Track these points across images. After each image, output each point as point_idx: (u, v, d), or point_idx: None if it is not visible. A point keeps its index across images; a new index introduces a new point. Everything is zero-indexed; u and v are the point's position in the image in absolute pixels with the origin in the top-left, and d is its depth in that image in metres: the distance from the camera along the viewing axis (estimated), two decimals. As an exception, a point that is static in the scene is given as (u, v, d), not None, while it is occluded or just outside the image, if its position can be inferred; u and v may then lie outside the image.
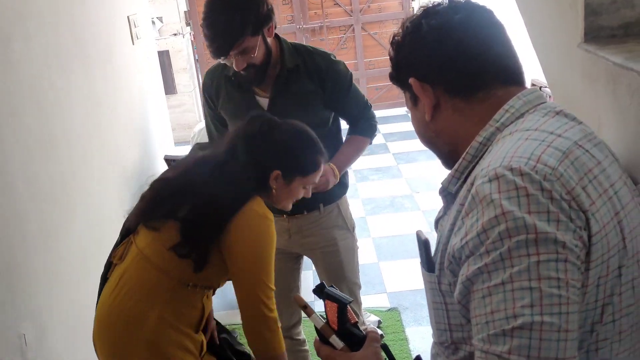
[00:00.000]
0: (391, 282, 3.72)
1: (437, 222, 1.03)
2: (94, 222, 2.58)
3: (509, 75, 0.98)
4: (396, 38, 1.05)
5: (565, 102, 1.33)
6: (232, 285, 3.50)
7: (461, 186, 0.95)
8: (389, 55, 1.08)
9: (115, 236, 2.80)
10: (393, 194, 5.06)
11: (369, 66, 7.39)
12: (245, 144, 1.66)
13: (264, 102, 2.09)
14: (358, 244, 2.40)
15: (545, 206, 0.80)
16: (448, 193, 1.00)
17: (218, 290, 3.98)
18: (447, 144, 1.03)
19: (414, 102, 1.05)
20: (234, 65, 1.96)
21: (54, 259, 2.15)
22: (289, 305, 2.37)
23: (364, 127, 2.23)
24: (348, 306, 1.09)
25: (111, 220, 2.82)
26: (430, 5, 1.02)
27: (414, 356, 3.04)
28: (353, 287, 2.37)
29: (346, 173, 2.26)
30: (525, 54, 1.51)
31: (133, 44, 3.55)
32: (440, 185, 1.01)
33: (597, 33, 1.21)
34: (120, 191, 3.01)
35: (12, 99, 1.95)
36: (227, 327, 3.45)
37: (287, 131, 1.73)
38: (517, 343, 0.78)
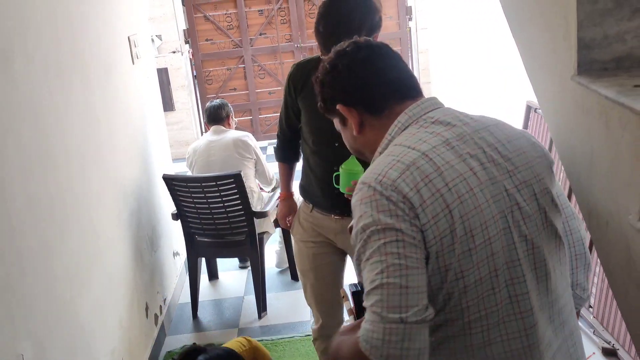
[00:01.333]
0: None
1: None
2: (91, 239, 2.59)
3: (403, 93, 1.31)
4: (319, 77, 1.38)
5: (559, 132, 1.36)
6: (228, 305, 3.56)
7: None
8: (316, 91, 1.41)
9: (111, 253, 2.81)
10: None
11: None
12: None
13: None
14: None
15: (386, 206, 1.15)
16: None
17: (214, 309, 3.97)
18: (371, 153, 1.34)
19: (343, 123, 1.38)
20: None
21: (50, 277, 2.16)
22: (335, 302, 2.49)
23: None
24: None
25: (107, 238, 2.83)
26: (340, 48, 1.36)
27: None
28: None
29: None
30: (522, 75, 1.54)
31: (133, 63, 3.58)
32: None
33: (589, 66, 1.24)
34: (118, 209, 3.02)
35: (11, 116, 1.97)
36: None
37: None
38: (375, 298, 1.12)
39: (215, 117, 3.91)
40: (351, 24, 2.03)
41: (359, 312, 1.44)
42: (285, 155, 2.57)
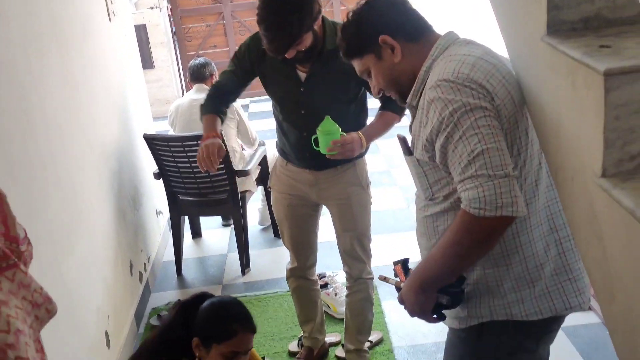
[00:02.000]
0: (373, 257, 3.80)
1: (410, 126, 1.59)
2: (72, 201, 2.61)
3: (431, 26, 1.59)
4: (355, 16, 1.56)
5: (530, 92, 1.39)
6: (211, 262, 3.61)
7: (419, 100, 1.53)
8: (344, 35, 1.59)
9: (93, 214, 2.83)
10: (370, 170, 5.11)
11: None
12: (182, 313, 1.91)
13: (302, 75, 2.29)
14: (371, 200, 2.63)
15: (469, 91, 1.40)
16: (412, 107, 1.58)
17: (198, 267, 4.03)
18: (408, 78, 1.55)
19: (379, 57, 1.56)
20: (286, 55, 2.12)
21: (33, 240, 2.18)
22: (308, 247, 2.71)
23: (395, 104, 2.32)
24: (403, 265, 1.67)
25: (90, 199, 2.85)
26: None
27: (389, 329, 3.15)
28: (362, 239, 2.61)
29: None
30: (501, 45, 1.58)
31: (110, 21, 3.53)
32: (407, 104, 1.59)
33: (559, 27, 1.26)
34: (99, 170, 3.03)
35: (-11, 82, 1.97)
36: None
37: (210, 302, 1.91)
38: (479, 164, 1.35)
39: (198, 75, 3.90)
40: (292, 33, 2.06)
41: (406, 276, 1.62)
42: (216, 107, 2.48)
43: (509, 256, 1.52)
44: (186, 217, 4.02)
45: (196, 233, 4.27)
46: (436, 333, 3.02)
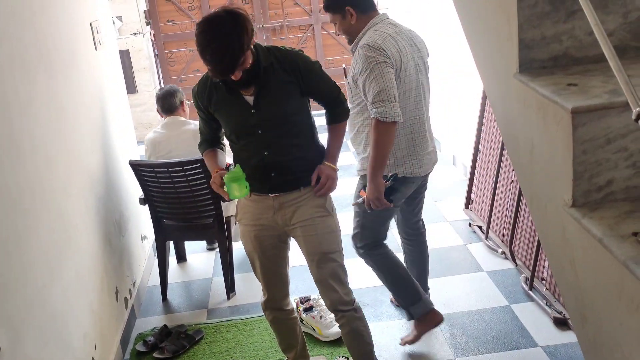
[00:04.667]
0: (352, 279, 3.85)
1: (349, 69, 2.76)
2: (59, 227, 2.64)
3: (375, 7, 2.83)
4: None
5: (505, 123, 1.47)
6: (196, 286, 3.62)
7: (355, 49, 2.76)
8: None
9: (80, 240, 2.87)
10: (352, 192, 5.19)
11: (328, 65, 7.50)
12: None
13: (250, 99, 2.38)
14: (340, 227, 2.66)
15: (378, 52, 2.62)
16: (352, 51, 2.80)
17: (183, 291, 4.02)
18: (355, 34, 2.79)
19: (343, 17, 2.78)
20: (232, 77, 2.23)
21: (22, 266, 2.22)
22: (279, 279, 2.71)
23: (339, 112, 2.60)
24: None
25: (76, 225, 2.88)
26: None
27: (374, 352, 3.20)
28: (331, 265, 2.59)
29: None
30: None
31: (96, 49, 3.59)
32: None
33: (530, 65, 1.35)
34: (85, 196, 3.07)
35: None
36: (192, 326, 3.54)
37: None
38: (382, 95, 2.59)
39: (168, 106, 3.81)
40: (235, 51, 2.15)
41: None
42: (210, 146, 2.67)
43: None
44: (171, 242, 4.05)
45: (181, 257, 4.29)
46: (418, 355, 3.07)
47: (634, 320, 1.02)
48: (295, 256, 3.93)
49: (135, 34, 6.97)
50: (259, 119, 2.41)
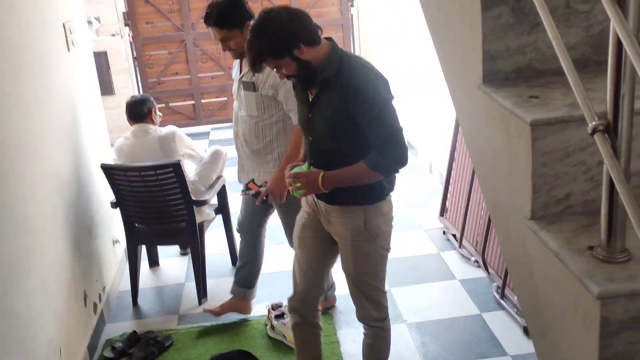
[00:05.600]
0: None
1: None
2: (25, 232, 2.59)
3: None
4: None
5: (470, 134, 1.47)
6: (168, 291, 3.57)
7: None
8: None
9: (47, 245, 2.82)
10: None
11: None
12: None
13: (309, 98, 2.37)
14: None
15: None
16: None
17: (154, 296, 3.98)
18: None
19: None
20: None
21: (-15, 272, 2.17)
22: (305, 280, 2.60)
23: (372, 157, 2.22)
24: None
25: (43, 230, 2.83)
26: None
27: (344, 358, 3.18)
28: (363, 287, 2.51)
29: (382, 188, 2.38)
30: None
31: (69, 50, 3.54)
32: None
33: (494, 76, 1.35)
34: (53, 200, 3.02)
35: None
36: (163, 332, 3.49)
37: None
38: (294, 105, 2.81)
39: (136, 114, 3.71)
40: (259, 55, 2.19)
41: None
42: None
43: None
44: (143, 246, 4.00)
45: (153, 262, 4.24)
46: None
47: (590, 335, 1.02)
48: (271, 262, 3.89)
49: (113, 35, 6.90)
50: (311, 125, 2.36)
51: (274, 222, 3.60)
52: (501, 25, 1.31)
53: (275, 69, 2.24)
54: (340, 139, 2.28)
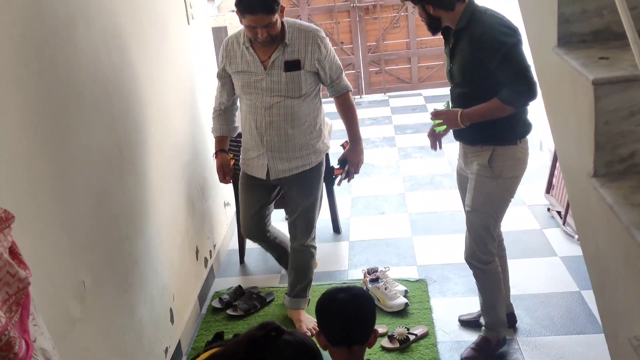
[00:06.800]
0: (422, 256, 3.93)
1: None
2: (144, 186, 2.88)
3: None
4: None
5: (547, 96, 1.50)
6: (269, 251, 3.78)
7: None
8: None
9: (164, 199, 3.11)
10: (433, 172, 5.22)
11: (420, 45, 7.48)
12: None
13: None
14: (393, 217, 2.82)
15: None
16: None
17: (260, 256, 4.23)
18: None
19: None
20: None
21: (108, 216, 2.46)
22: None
23: (504, 92, 2.49)
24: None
25: (161, 186, 3.12)
26: None
27: (435, 325, 3.26)
28: (474, 221, 2.82)
29: (513, 133, 2.71)
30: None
31: (188, 24, 3.82)
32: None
33: (569, 39, 1.38)
34: (172, 160, 3.31)
35: (74, 76, 2.24)
36: (266, 289, 3.73)
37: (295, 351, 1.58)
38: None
39: None
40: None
41: None
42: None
43: None
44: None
45: (261, 225, 4.49)
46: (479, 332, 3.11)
47: (636, 284, 1.05)
48: (368, 231, 4.05)
49: (233, 10, 7.23)
50: (452, 73, 2.74)
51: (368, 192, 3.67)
52: (578, -13, 1.34)
53: (413, 8, 2.65)
54: (474, 82, 2.60)
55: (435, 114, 2.78)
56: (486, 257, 2.82)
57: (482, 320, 3.03)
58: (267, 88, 2.97)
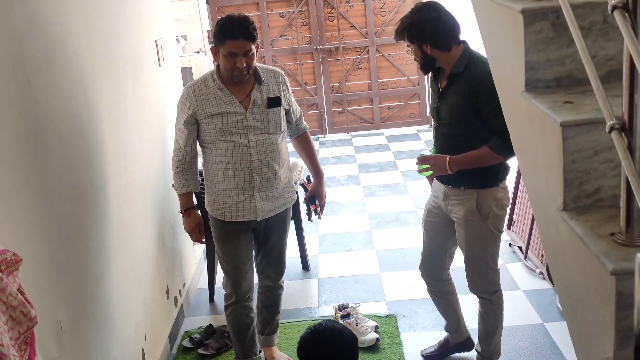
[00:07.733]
0: (390, 292, 4.00)
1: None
2: (119, 224, 2.89)
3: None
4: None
5: (516, 134, 1.62)
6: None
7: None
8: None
9: (136, 237, 3.12)
10: (398, 209, 5.34)
11: (382, 86, 7.69)
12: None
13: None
14: (361, 254, 2.83)
15: None
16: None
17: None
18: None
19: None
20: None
21: (84, 254, 2.47)
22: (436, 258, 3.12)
23: (494, 142, 2.63)
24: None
25: (133, 224, 3.14)
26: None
27: (407, 359, 3.32)
28: (473, 261, 2.95)
29: (494, 176, 2.81)
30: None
31: (159, 65, 3.89)
32: None
33: (536, 84, 1.50)
34: (144, 197, 3.33)
35: (53, 113, 2.28)
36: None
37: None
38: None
39: None
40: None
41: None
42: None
43: None
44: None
45: (229, 263, 4.51)
46: (449, 364, 3.18)
47: (608, 309, 1.15)
48: (337, 267, 4.09)
49: (198, 52, 7.34)
50: (439, 112, 2.80)
51: (335, 229, 3.74)
52: (542, 38, 1.46)
53: (408, 47, 2.73)
54: (462, 125, 2.69)
55: (422, 159, 2.80)
56: (491, 288, 2.98)
57: (478, 348, 3.13)
58: (252, 126, 2.87)
